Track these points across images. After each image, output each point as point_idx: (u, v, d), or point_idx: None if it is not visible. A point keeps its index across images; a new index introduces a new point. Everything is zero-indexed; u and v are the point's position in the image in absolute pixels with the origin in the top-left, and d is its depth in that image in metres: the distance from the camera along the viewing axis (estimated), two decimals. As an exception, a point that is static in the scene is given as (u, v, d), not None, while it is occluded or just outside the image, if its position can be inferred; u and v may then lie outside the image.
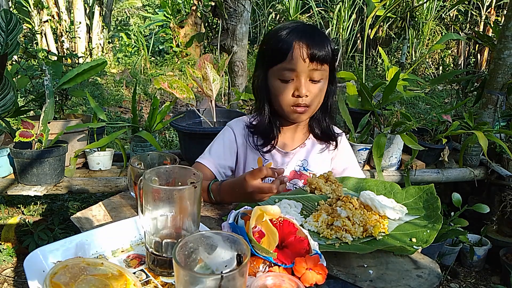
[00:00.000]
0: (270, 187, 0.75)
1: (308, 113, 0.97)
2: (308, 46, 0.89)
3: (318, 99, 0.95)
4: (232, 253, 0.51)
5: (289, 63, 0.90)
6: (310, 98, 0.93)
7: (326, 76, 0.95)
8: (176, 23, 5.79)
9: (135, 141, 1.60)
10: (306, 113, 0.97)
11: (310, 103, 0.94)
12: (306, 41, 0.89)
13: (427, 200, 0.84)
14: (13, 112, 1.60)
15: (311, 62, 0.89)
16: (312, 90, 0.93)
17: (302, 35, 0.90)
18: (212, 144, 1.06)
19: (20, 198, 2.26)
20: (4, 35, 1.57)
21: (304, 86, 0.91)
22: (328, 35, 0.96)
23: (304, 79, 0.91)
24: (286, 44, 0.90)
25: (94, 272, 0.54)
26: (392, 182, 0.92)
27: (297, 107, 0.94)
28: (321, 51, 0.89)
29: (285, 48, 0.90)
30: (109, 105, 3.99)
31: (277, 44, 0.92)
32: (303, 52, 0.89)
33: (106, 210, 0.85)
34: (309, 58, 0.89)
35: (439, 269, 0.67)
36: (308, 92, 0.92)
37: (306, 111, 0.95)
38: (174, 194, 0.58)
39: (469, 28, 4.76)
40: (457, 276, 1.83)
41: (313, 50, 0.89)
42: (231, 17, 1.67)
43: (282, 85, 0.93)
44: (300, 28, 0.92)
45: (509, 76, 1.75)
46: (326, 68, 0.93)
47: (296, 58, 0.89)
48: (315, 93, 0.93)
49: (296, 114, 0.96)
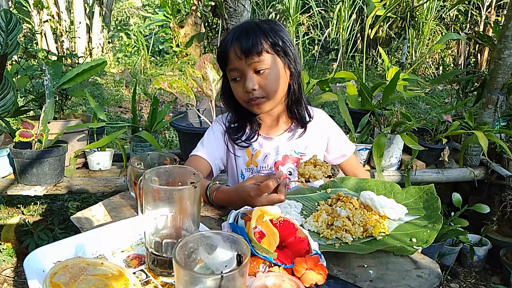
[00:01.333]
0: (279, 198, 0.76)
1: (268, 103, 1.00)
2: (240, 43, 0.94)
3: (271, 87, 0.98)
4: (232, 253, 0.51)
5: (231, 64, 0.97)
6: (260, 90, 0.97)
7: (273, 63, 0.97)
8: (176, 23, 5.79)
9: (135, 141, 1.60)
10: (266, 104, 1.00)
11: (263, 93, 0.97)
12: (238, 39, 0.95)
13: (427, 200, 0.84)
14: (13, 112, 1.60)
15: (247, 57, 0.94)
16: (260, 81, 0.96)
17: (235, 34, 0.96)
18: (203, 138, 1.10)
19: (20, 198, 2.26)
20: (4, 35, 1.57)
21: (249, 81, 0.95)
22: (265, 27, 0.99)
23: (248, 74, 0.96)
24: (225, 47, 0.97)
25: (94, 272, 0.54)
26: (392, 182, 0.92)
27: (252, 101, 0.98)
28: (253, 44, 0.94)
29: (224, 52, 0.97)
30: (109, 105, 3.99)
31: (220, 50, 1.00)
32: (237, 50, 0.94)
33: (106, 210, 0.85)
34: (243, 54, 0.94)
35: (439, 269, 0.67)
36: (256, 84, 0.96)
37: (263, 102, 0.99)
38: (174, 194, 0.58)
39: (469, 28, 4.76)
40: (457, 276, 1.83)
41: (245, 45, 0.94)
42: (231, 17, 1.67)
43: (235, 84, 1.00)
44: (236, 28, 0.98)
45: (509, 76, 1.74)
46: (268, 56, 0.95)
47: (233, 59, 0.96)
48: (264, 83, 0.96)
49: (255, 107, 1.00)
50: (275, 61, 0.97)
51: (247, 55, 0.94)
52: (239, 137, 1.07)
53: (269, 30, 0.97)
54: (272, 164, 1.07)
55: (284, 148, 1.08)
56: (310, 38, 6.39)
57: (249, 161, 1.08)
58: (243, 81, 0.97)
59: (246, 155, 1.09)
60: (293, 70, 1.01)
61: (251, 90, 0.96)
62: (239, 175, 1.10)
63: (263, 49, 0.94)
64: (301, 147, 1.09)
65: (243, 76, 0.97)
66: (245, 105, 1.02)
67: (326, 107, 3.92)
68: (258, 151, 1.08)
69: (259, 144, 1.08)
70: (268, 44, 0.95)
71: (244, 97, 0.99)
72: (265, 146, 1.08)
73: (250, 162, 1.08)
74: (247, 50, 0.93)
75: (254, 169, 1.08)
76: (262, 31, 0.96)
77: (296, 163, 1.08)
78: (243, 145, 1.07)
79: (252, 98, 0.97)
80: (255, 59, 0.94)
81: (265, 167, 1.08)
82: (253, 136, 1.07)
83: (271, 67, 0.96)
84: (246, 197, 0.77)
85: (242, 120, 1.07)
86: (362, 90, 1.80)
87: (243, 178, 1.10)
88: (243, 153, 1.09)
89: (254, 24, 0.98)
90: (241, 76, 0.97)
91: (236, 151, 1.09)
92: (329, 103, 3.89)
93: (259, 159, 1.08)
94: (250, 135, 1.07)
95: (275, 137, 1.08)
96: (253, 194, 0.76)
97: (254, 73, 0.96)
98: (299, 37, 5.95)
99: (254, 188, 0.76)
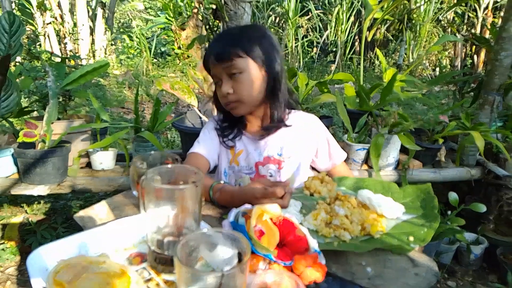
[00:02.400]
0: (282, 204, 0.77)
1: (243, 107, 1.02)
2: (213, 50, 1.00)
3: (246, 91, 1.00)
4: (233, 251, 0.51)
5: (211, 69, 1.03)
6: (235, 95, 1.00)
7: (245, 67, 0.98)
8: (177, 26, 5.80)
9: (138, 141, 1.61)
10: (240, 107, 1.02)
11: (238, 97, 1.00)
12: (212, 46, 1.02)
13: (424, 199, 0.84)
14: (17, 112, 1.62)
15: (219, 62, 0.98)
16: (234, 85, 0.99)
17: (212, 42, 1.04)
18: (199, 136, 1.13)
19: (23, 197, 2.26)
20: (8, 36, 1.58)
21: (224, 86, 0.99)
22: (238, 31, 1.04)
23: (224, 79, 1.00)
24: (206, 54, 1.03)
25: (97, 270, 0.55)
26: (390, 181, 0.93)
27: (227, 105, 1.02)
28: (223, 49, 0.98)
29: (205, 59, 1.03)
30: (111, 106, 4.01)
31: (204, 57, 1.05)
32: (212, 56, 1.00)
33: (109, 209, 0.86)
34: (215, 60, 0.99)
35: (436, 267, 0.67)
36: (231, 89, 0.99)
37: (238, 105, 1.02)
38: (175, 193, 0.59)
39: (466, 30, 4.77)
40: (455, 274, 1.84)
41: (217, 51, 0.99)
42: (232, 19, 1.69)
43: (217, 88, 1.05)
44: (215, 37, 1.03)
45: (506, 77, 1.75)
46: (240, 60, 0.97)
47: (211, 64, 1.01)
48: (239, 87, 0.99)
49: (232, 110, 1.04)
50: (248, 65, 0.98)
51: (218, 60, 0.98)
52: (225, 135, 1.10)
53: (243, 35, 1.00)
54: (253, 164, 1.08)
55: (267, 149, 1.08)
56: (309, 41, 6.42)
57: (231, 159, 1.10)
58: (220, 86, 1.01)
59: (230, 153, 1.11)
60: (271, 72, 1.02)
61: (226, 95, 0.99)
62: (222, 172, 1.12)
63: (231, 54, 0.97)
64: (286, 149, 1.09)
65: (221, 80, 1.01)
66: (225, 108, 1.06)
67: (325, 108, 3.94)
68: (241, 150, 1.09)
69: (243, 143, 1.10)
70: (239, 49, 0.97)
71: (223, 101, 1.03)
72: (248, 145, 1.09)
73: (232, 160, 1.10)
74: (217, 55, 0.98)
75: (235, 168, 1.10)
76: (233, 37, 1.00)
77: (277, 165, 1.08)
78: (229, 144, 1.10)
79: (227, 102, 1.01)
80: (228, 63, 0.97)
81: (246, 167, 1.09)
82: (238, 136, 1.09)
83: (244, 70, 0.98)
84: (251, 198, 0.78)
85: (229, 120, 1.10)
86: (360, 91, 1.81)
87: (225, 176, 1.11)
88: (227, 151, 1.11)
89: (228, 31, 1.05)
90: (219, 80, 1.01)
91: (222, 150, 1.11)
92: (328, 104, 3.91)
93: (241, 158, 1.09)
94: (236, 135, 1.09)
95: (258, 136, 1.09)
96: (259, 196, 0.77)
97: (229, 78, 0.99)
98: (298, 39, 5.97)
99: (262, 191, 0.77)
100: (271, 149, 1.08)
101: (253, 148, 1.09)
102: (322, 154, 1.15)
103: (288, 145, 1.09)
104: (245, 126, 1.10)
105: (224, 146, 1.11)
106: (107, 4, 6.11)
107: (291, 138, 1.09)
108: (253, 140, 1.09)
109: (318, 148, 1.15)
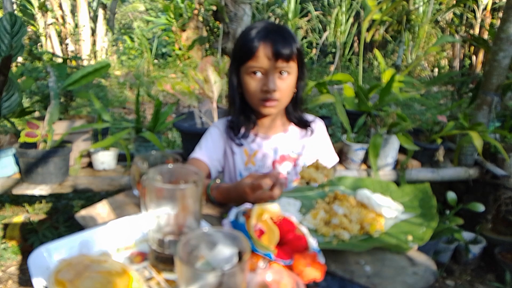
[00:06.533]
0: (269, 195, 0.77)
1: (277, 107, 1.03)
2: (273, 45, 0.95)
3: (287, 94, 1.01)
4: (233, 250, 0.51)
5: (257, 61, 0.96)
6: (279, 93, 0.99)
7: (294, 72, 1.00)
8: (178, 27, 5.81)
9: (139, 141, 1.62)
10: (276, 107, 1.02)
11: (279, 97, 0.99)
12: (271, 40, 0.95)
13: (422, 199, 0.84)
14: (18, 113, 1.63)
15: (277, 60, 0.95)
16: (280, 85, 0.98)
17: (268, 34, 0.96)
18: (201, 141, 1.12)
19: (25, 197, 2.27)
20: (9, 37, 1.59)
21: (271, 82, 0.96)
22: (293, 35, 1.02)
23: (271, 76, 0.97)
24: (254, 43, 0.96)
25: (98, 269, 0.55)
26: (388, 181, 0.93)
27: (266, 101, 1.00)
28: (285, 49, 0.95)
29: (252, 47, 0.96)
30: (113, 106, 4.01)
31: (246, 44, 0.98)
32: (268, 50, 0.95)
33: (110, 208, 0.86)
34: (274, 56, 0.95)
35: (435, 266, 0.67)
36: (277, 87, 0.97)
37: (275, 105, 1.01)
38: (176, 193, 0.59)
39: (464, 31, 4.78)
40: (453, 273, 1.85)
41: (278, 49, 0.94)
42: (232, 21, 1.70)
43: (252, 81, 0.99)
44: (267, 28, 0.99)
45: (503, 77, 1.75)
46: (292, 65, 0.98)
47: (262, 57, 0.96)
48: (283, 88, 0.99)
49: (265, 108, 1.01)
50: (296, 68, 1.00)
51: (277, 58, 0.95)
52: (236, 134, 1.09)
53: (295, 39, 0.99)
54: (270, 163, 1.10)
55: (282, 148, 1.10)
56: (308, 42, 6.43)
57: (247, 160, 1.10)
58: (263, 78, 0.98)
59: (245, 155, 1.10)
60: (303, 83, 1.05)
61: (272, 91, 0.97)
62: (238, 174, 1.12)
63: (293, 54, 0.96)
64: (300, 148, 1.12)
65: (265, 74, 0.97)
66: (255, 103, 1.02)
67: (324, 108, 3.95)
68: (256, 151, 1.09)
69: (257, 144, 1.10)
70: (295, 52, 0.97)
71: (260, 95, 0.99)
72: (263, 145, 1.10)
73: (248, 161, 1.10)
74: (280, 53, 0.94)
75: (252, 169, 1.10)
76: (293, 38, 0.98)
77: (293, 163, 1.11)
78: (241, 143, 1.09)
79: (268, 98, 0.99)
80: (284, 64, 0.96)
81: (263, 166, 1.10)
82: (249, 135, 1.09)
83: (292, 73, 1.00)
84: (242, 193, 0.79)
85: (241, 117, 1.09)
86: (359, 91, 1.82)
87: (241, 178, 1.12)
88: (241, 153, 1.10)
89: (287, 30, 1.00)
90: (263, 73, 0.98)
91: (235, 150, 1.10)
92: (327, 104, 3.91)
93: (257, 159, 1.09)
94: (246, 133, 1.09)
95: (273, 136, 1.10)
96: (248, 190, 0.77)
97: (278, 75, 0.98)
98: (298, 41, 5.99)
99: (250, 184, 0.78)
100: (286, 147, 1.11)
101: (268, 147, 1.10)
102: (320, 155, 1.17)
103: (300, 143, 1.12)
104: (254, 125, 1.10)
105: (236, 145, 1.10)
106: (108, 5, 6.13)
107: (297, 138, 1.12)
108: (267, 139, 1.10)
109: (319, 149, 1.17)
